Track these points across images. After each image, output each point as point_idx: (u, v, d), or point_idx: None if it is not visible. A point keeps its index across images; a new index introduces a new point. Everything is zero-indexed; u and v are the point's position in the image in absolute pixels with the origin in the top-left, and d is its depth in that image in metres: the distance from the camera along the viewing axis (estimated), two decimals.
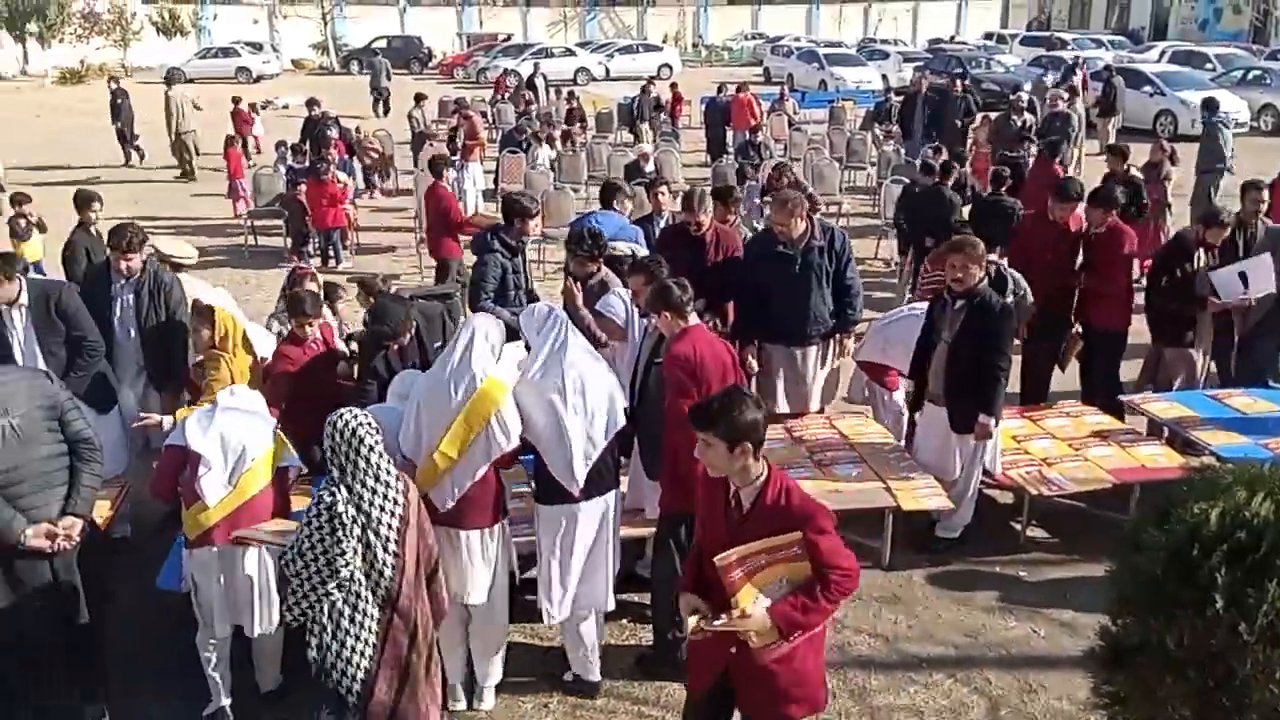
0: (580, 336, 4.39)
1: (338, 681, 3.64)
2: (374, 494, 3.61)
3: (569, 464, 4.17)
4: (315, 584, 3.54)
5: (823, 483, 5.56)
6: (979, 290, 5.43)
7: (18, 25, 37.15)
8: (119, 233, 5.91)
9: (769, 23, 52.82)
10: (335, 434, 3.61)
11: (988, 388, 5.40)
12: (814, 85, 29.97)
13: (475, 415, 4.07)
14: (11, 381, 4.08)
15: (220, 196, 15.90)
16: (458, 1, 53.62)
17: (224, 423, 4.18)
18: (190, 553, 4.29)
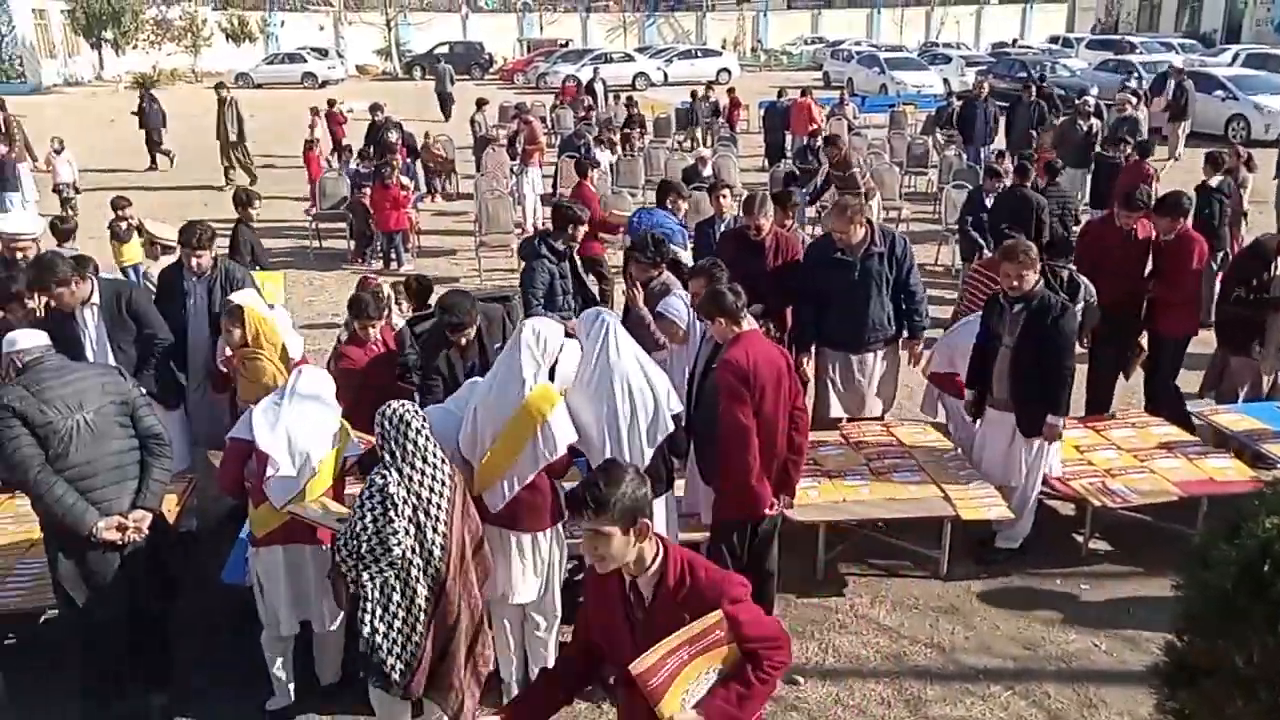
0: (630, 341, 4.37)
1: (384, 658, 3.74)
2: (424, 475, 3.72)
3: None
4: (369, 563, 3.64)
5: (880, 490, 5.52)
6: (1037, 292, 5.36)
7: (94, 33, 38.27)
8: (189, 230, 6.08)
9: (829, 27, 52.52)
10: (385, 422, 3.74)
11: (1054, 389, 5.35)
12: (874, 90, 29.72)
13: (523, 423, 4.10)
14: (85, 378, 4.22)
15: (285, 199, 16.25)
16: (519, 7, 54.17)
17: (290, 419, 4.14)
18: (256, 551, 4.31)
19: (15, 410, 3.97)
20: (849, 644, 5.05)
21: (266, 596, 4.34)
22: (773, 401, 4.46)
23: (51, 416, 4.02)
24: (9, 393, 4.04)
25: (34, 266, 5.42)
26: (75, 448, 4.07)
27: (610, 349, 4.19)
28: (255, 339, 5.35)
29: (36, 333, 4.40)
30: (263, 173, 19.04)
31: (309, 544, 4.27)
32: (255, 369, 5.28)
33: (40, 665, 4.84)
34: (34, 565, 4.79)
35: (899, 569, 5.69)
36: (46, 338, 4.37)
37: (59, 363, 4.29)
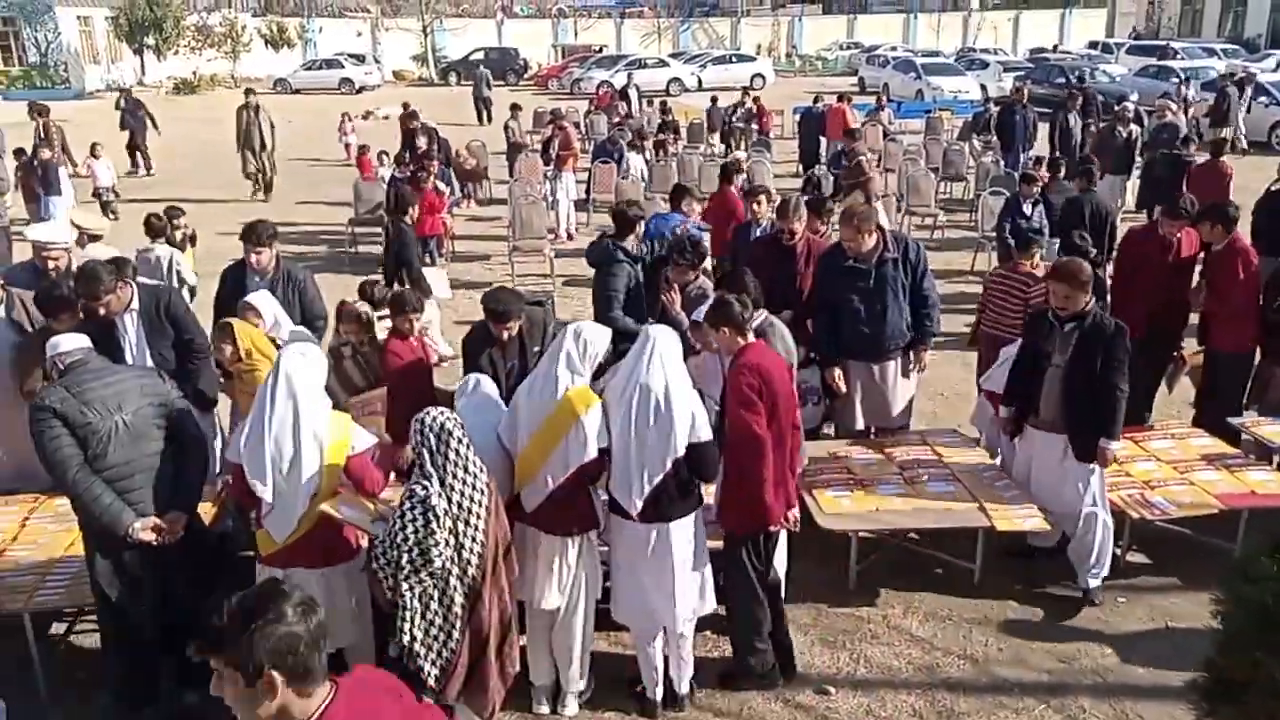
0: (667, 360, 4.21)
1: (421, 664, 3.76)
2: (463, 485, 3.72)
3: (624, 481, 4.15)
4: (409, 573, 3.64)
5: (913, 500, 5.48)
6: (1090, 310, 5.15)
7: (136, 39, 38.92)
8: (251, 228, 6.18)
9: (865, 32, 52.29)
10: (424, 430, 3.72)
11: (1109, 411, 5.10)
12: (910, 95, 29.55)
13: (559, 420, 4.12)
14: (124, 380, 4.29)
15: (321, 204, 16.44)
16: (554, 13, 54.43)
17: (276, 449, 3.97)
18: (262, 570, 4.22)
19: (56, 411, 4.04)
20: (881, 655, 5.01)
21: None
22: (785, 413, 4.45)
23: (91, 417, 4.08)
24: (51, 394, 4.11)
25: (79, 278, 5.50)
26: (114, 448, 4.13)
27: (644, 360, 4.15)
28: (249, 353, 5.28)
29: (78, 336, 4.47)
30: (301, 177, 19.27)
31: (315, 568, 4.15)
32: (254, 382, 5.06)
33: (80, 662, 4.91)
34: (73, 564, 4.86)
35: (932, 580, 5.63)
36: (88, 340, 4.44)
37: (99, 364, 4.35)
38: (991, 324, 6.95)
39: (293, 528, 4.04)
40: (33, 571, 4.84)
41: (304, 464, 3.99)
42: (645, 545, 4.24)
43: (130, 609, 4.30)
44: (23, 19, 38.10)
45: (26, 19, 38.08)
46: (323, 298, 6.51)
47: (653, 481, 4.12)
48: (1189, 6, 44.61)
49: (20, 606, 4.62)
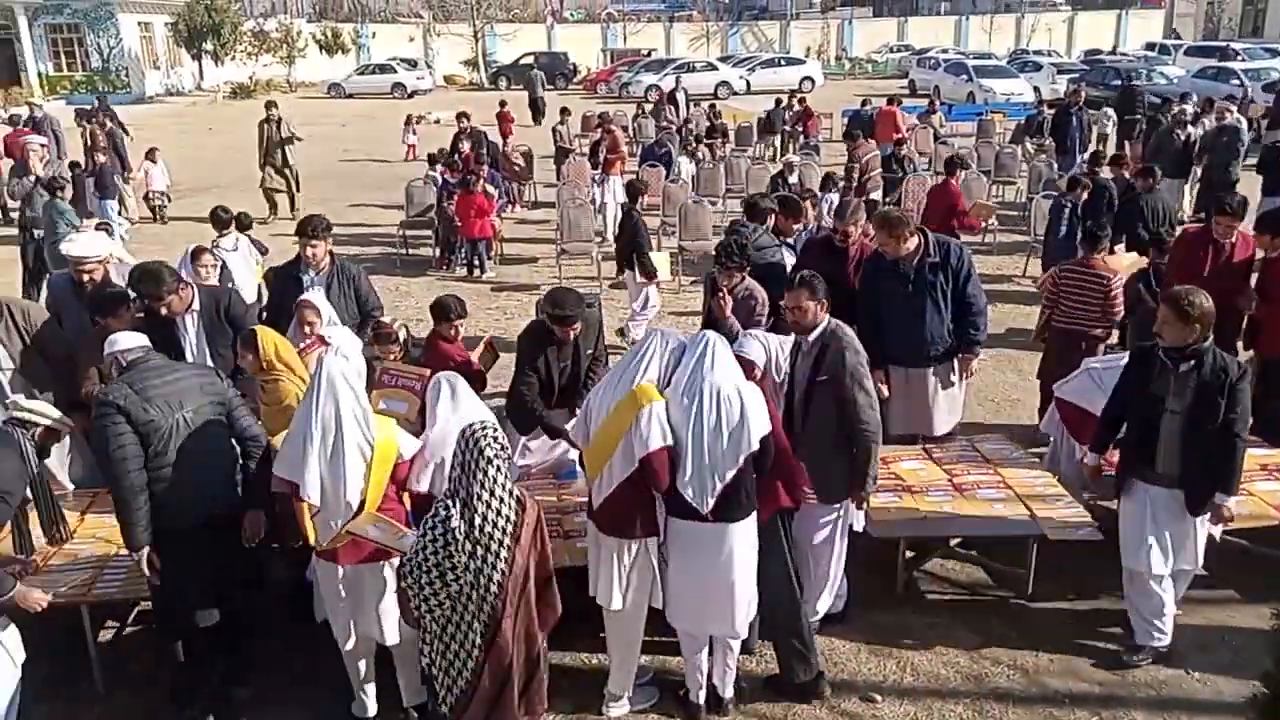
0: (729, 359, 4.26)
1: (436, 689, 3.74)
2: (488, 508, 3.60)
3: (696, 481, 4.10)
4: (427, 594, 3.60)
5: (963, 506, 5.41)
6: (1207, 349, 4.55)
7: (195, 44, 39.75)
8: (306, 221, 6.26)
9: (916, 34, 51.82)
10: (461, 442, 3.67)
11: (1228, 463, 4.57)
12: (962, 98, 29.22)
13: (626, 410, 4.12)
14: (185, 378, 4.36)
15: (373, 206, 16.65)
16: (603, 18, 54.60)
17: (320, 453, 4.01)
18: (317, 560, 4.28)
19: (120, 407, 4.10)
20: (928, 662, 4.95)
21: (326, 607, 4.32)
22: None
23: (154, 415, 4.15)
24: (115, 390, 4.18)
25: (142, 278, 5.62)
26: (174, 446, 4.20)
27: (705, 361, 4.15)
28: (270, 365, 5.08)
29: (136, 334, 4.54)
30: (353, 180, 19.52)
31: (367, 564, 4.16)
32: (277, 392, 5.06)
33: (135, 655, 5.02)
34: (129, 558, 4.96)
35: (981, 587, 5.56)
36: (145, 338, 4.51)
37: (161, 362, 4.42)
38: (1064, 319, 6.92)
39: (336, 531, 4.06)
40: (91, 565, 4.95)
41: (348, 469, 4.02)
42: (710, 546, 4.20)
43: (184, 605, 4.37)
44: (86, 25, 39.10)
45: (90, 25, 39.07)
46: (376, 292, 6.59)
47: (726, 479, 4.10)
48: (1250, 6, 43.62)
49: (79, 599, 4.72)
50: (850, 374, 4.60)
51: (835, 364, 4.62)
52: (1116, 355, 5.98)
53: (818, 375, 4.65)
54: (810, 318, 4.71)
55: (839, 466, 4.69)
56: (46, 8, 38.21)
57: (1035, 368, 7.46)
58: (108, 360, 4.42)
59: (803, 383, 4.74)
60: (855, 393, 4.60)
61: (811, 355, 4.72)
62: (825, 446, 4.67)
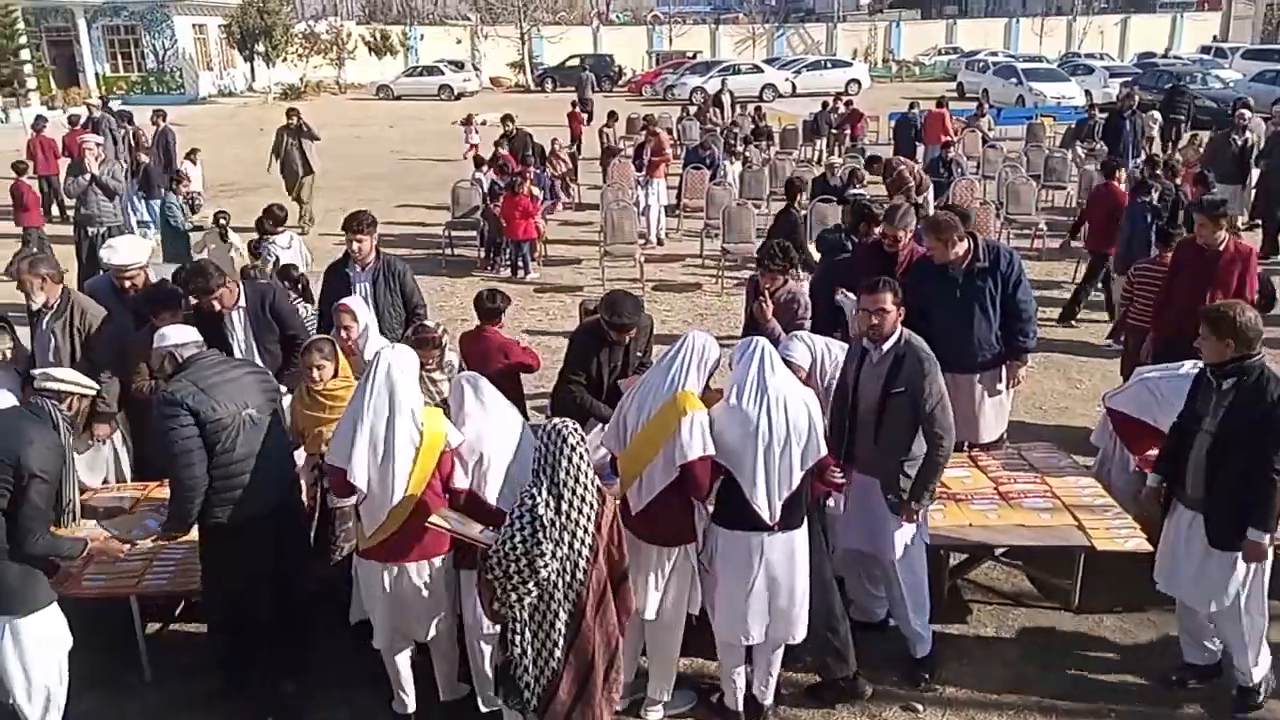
0: (780, 360, 4.23)
1: (526, 680, 3.72)
2: (574, 496, 3.65)
3: (765, 491, 4.05)
4: (516, 584, 3.60)
5: (1009, 515, 5.33)
6: (1252, 366, 4.23)
7: (247, 46, 40.39)
8: (352, 217, 6.33)
9: (965, 37, 51.33)
10: (544, 436, 3.70)
11: (1261, 493, 4.18)
12: (1011, 101, 28.91)
13: (667, 417, 4.08)
14: (242, 375, 4.42)
15: (420, 206, 16.80)
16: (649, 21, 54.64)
17: (371, 439, 4.04)
18: (359, 561, 4.30)
19: (188, 406, 4.14)
20: (971, 673, 4.88)
21: (371, 608, 4.32)
22: None
23: (221, 413, 4.19)
24: (181, 388, 4.20)
25: (191, 275, 5.73)
26: (239, 443, 4.24)
27: (766, 367, 4.09)
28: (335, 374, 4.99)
29: (187, 328, 4.57)
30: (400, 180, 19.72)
31: (412, 561, 4.17)
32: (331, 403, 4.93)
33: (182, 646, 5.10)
34: (179, 550, 5.03)
35: (1027, 598, 5.48)
36: (197, 333, 4.55)
37: (218, 358, 4.48)
38: (1137, 316, 6.94)
39: (383, 519, 4.08)
40: (141, 556, 5.03)
41: (398, 456, 4.03)
42: (772, 555, 4.15)
43: (238, 593, 4.43)
44: (143, 27, 39.92)
45: (146, 27, 39.89)
46: (421, 290, 6.65)
47: (793, 486, 4.06)
48: None
49: (128, 590, 4.81)
50: (932, 390, 4.47)
51: (914, 377, 4.48)
52: (1173, 365, 5.84)
53: (892, 387, 4.51)
54: (890, 324, 4.57)
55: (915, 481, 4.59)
56: (104, 10, 39.05)
57: (1085, 375, 7.37)
58: (159, 355, 4.46)
59: (874, 394, 4.59)
60: (936, 409, 4.48)
61: (883, 366, 4.58)
62: (897, 460, 4.56)
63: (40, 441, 3.96)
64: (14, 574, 3.97)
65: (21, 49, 31.65)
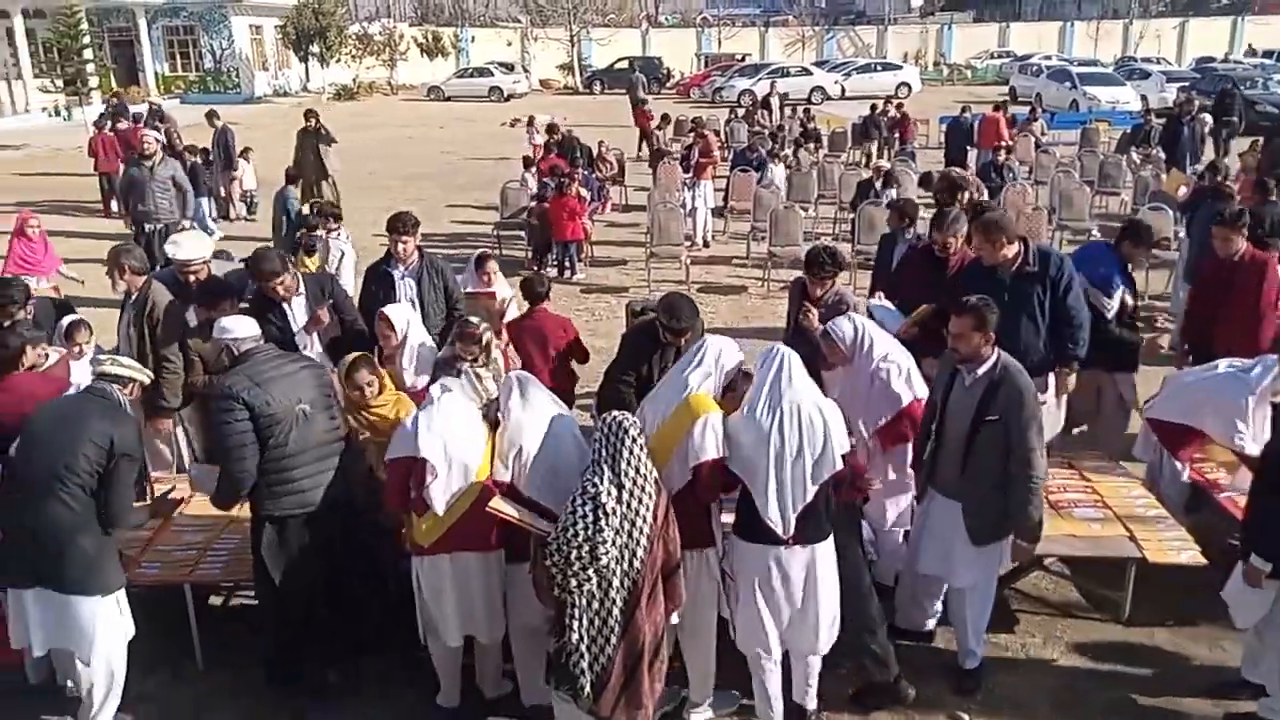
0: (804, 373, 4.16)
1: (582, 667, 3.74)
2: (635, 486, 3.70)
3: (777, 504, 4.00)
4: (576, 570, 3.64)
5: (1059, 525, 5.25)
6: None
7: (302, 47, 40.99)
8: (396, 218, 6.43)
9: (1018, 40, 50.67)
10: (605, 428, 3.75)
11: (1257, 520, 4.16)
12: (1065, 105, 28.49)
13: (677, 425, 4.06)
14: (299, 368, 4.51)
15: (470, 206, 16.95)
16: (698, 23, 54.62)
17: (445, 427, 4.17)
18: (421, 560, 4.29)
19: (243, 400, 4.24)
20: (1018, 685, 4.81)
21: (429, 605, 4.32)
22: None
23: (275, 408, 4.28)
24: (237, 382, 4.30)
25: (254, 262, 5.87)
26: (292, 438, 4.33)
27: (783, 377, 4.06)
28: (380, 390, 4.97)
29: (247, 320, 4.66)
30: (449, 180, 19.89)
31: (476, 551, 4.24)
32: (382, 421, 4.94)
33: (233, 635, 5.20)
34: (232, 540, 5.15)
35: (1076, 610, 5.40)
36: (257, 326, 4.64)
37: (274, 352, 4.56)
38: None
39: (456, 501, 4.14)
40: (195, 546, 5.14)
41: (470, 434, 4.18)
42: (789, 570, 4.10)
43: (286, 587, 4.50)
44: (201, 27, 40.69)
45: (205, 27, 40.66)
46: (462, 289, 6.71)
47: (807, 499, 4.00)
48: None
49: (183, 579, 4.91)
50: (1028, 421, 4.34)
51: (1012, 406, 4.35)
52: (1208, 366, 5.74)
53: (986, 415, 4.39)
54: (971, 349, 4.45)
55: (1000, 510, 4.48)
56: (164, 10, 39.85)
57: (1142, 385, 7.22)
58: (217, 346, 4.55)
59: (964, 420, 4.48)
60: (1031, 439, 4.34)
61: (976, 391, 4.45)
62: (986, 489, 4.44)
63: (127, 424, 4.18)
64: (94, 554, 4.12)
65: (85, 49, 32.40)
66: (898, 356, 5.08)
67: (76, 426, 4.08)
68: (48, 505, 4.02)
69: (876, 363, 5.03)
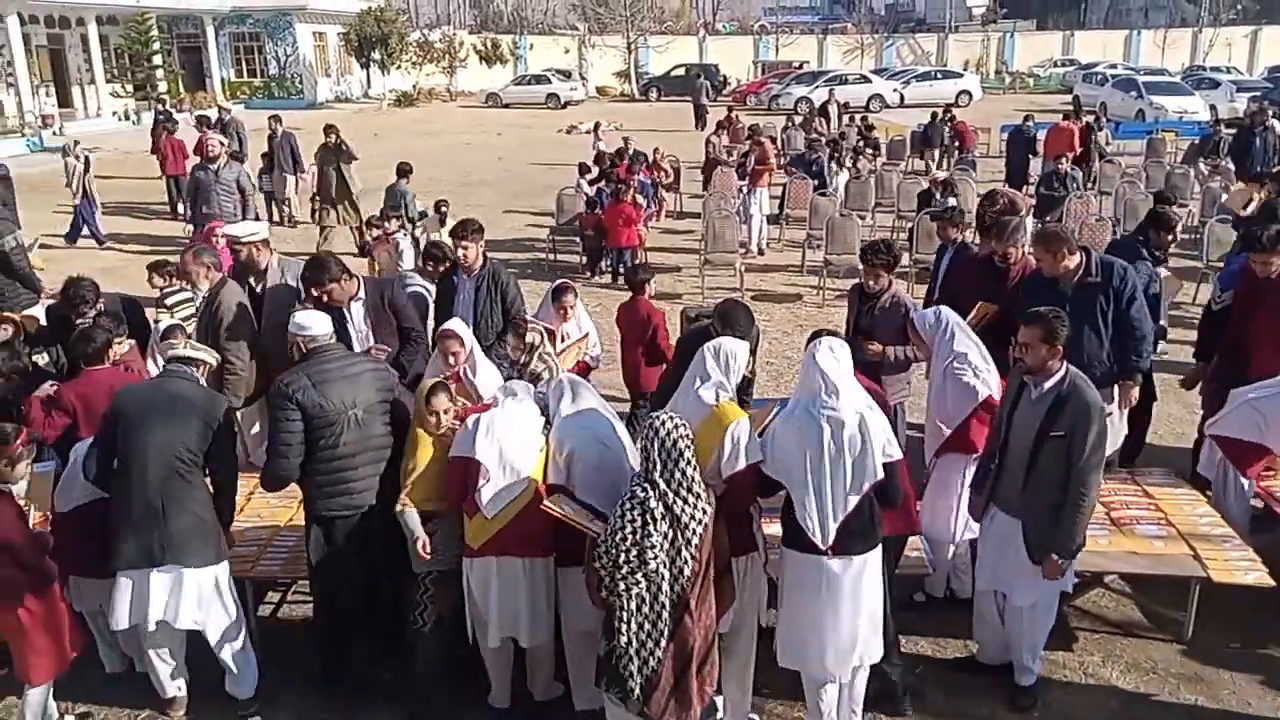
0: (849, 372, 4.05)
1: (631, 669, 3.74)
2: (685, 503, 3.67)
3: (816, 512, 3.94)
4: (625, 573, 3.65)
5: (1120, 542, 5.16)
6: None
7: (364, 54, 41.68)
8: (461, 224, 6.53)
9: (1082, 49, 49.87)
10: (654, 435, 3.71)
11: None
12: (1130, 115, 27.93)
13: (705, 437, 3.97)
14: (361, 372, 4.57)
15: (525, 213, 17.07)
16: (755, 30, 54.52)
17: (504, 431, 4.22)
18: (470, 562, 4.31)
19: (297, 400, 4.34)
20: (1075, 704, 4.72)
21: (476, 606, 4.34)
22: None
23: (328, 410, 4.36)
24: (295, 381, 4.40)
25: (309, 265, 5.97)
26: (343, 440, 4.40)
27: (826, 379, 3.94)
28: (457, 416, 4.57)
29: (322, 317, 4.72)
30: (506, 187, 20.06)
31: (523, 556, 4.25)
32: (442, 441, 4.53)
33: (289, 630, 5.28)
34: (290, 538, 5.24)
35: (1136, 628, 5.28)
36: (330, 324, 4.72)
37: (341, 352, 4.65)
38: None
39: (505, 505, 4.17)
40: (255, 542, 5.24)
41: (525, 437, 4.26)
42: (829, 581, 4.01)
43: (333, 587, 4.59)
44: (266, 35, 41.56)
45: (270, 35, 41.54)
46: (523, 297, 6.77)
47: (847, 510, 3.93)
48: None
49: (243, 574, 4.98)
50: (1093, 441, 4.23)
51: (1078, 424, 4.24)
52: (1273, 382, 5.60)
53: (1051, 430, 4.29)
54: (1038, 360, 4.37)
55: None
56: (231, 18, 40.77)
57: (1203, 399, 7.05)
58: (291, 339, 4.64)
59: (1028, 434, 4.38)
60: (1092, 459, 4.24)
61: (1042, 406, 4.35)
62: (1044, 506, 4.34)
63: (219, 398, 4.63)
64: (212, 525, 4.45)
65: (154, 55, 33.29)
66: (976, 355, 5.01)
67: (183, 405, 4.37)
68: (171, 484, 4.29)
69: (955, 355, 4.97)
